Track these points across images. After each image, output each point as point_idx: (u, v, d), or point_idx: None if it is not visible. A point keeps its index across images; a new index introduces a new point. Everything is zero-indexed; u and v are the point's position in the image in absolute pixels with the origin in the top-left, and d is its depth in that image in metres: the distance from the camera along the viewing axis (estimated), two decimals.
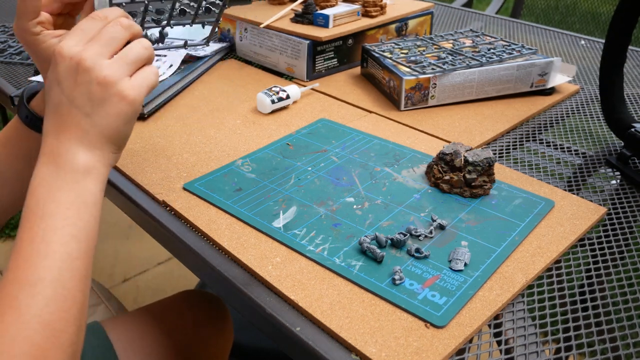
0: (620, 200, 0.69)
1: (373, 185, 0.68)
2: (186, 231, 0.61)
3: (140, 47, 0.50)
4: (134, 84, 0.48)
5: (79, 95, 0.47)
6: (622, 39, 0.72)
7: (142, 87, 0.49)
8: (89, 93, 0.47)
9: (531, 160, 0.77)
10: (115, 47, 0.49)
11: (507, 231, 0.60)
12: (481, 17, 1.46)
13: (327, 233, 0.59)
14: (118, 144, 0.50)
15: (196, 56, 1.03)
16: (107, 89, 0.47)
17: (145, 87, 0.49)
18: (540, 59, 0.91)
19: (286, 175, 0.70)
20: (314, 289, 0.52)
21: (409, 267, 0.55)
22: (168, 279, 1.85)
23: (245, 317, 0.55)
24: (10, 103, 0.89)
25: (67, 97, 0.47)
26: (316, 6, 1.03)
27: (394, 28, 1.09)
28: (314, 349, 0.47)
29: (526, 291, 0.54)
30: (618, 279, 0.57)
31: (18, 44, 1.17)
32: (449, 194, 0.66)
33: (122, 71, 0.48)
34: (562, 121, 0.88)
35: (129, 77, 0.48)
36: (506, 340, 0.49)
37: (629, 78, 1.06)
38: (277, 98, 0.87)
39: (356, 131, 0.81)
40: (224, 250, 0.58)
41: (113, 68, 0.47)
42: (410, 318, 0.49)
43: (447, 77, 0.87)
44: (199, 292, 0.94)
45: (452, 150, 0.67)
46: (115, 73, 0.47)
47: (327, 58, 1.00)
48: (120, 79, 0.47)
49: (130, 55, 0.49)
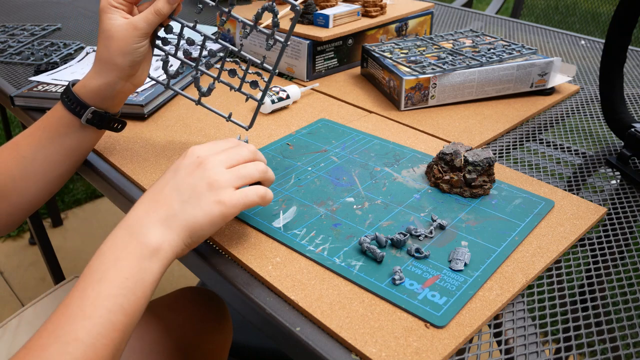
0: (620, 200, 0.69)
1: (373, 185, 0.68)
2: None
3: (253, 168, 0.55)
4: (233, 196, 0.53)
5: (186, 184, 0.53)
6: (622, 39, 0.72)
7: (239, 201, 0.53)
8: (195, 186, 0.52)
9: (531, 160, 0.77)
10: (237, 162, 0.55)
11: (507, 231, 0.60)
12: (481, 17, 1.46)
13: (327, 233, 0.59)
14: (192, 239, 0.52)
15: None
16: (211, 188, 0.52)
17: (242, 203, 0.53)
18: (540, 59, 0.91)
19: (286, 175, 0.70)
20: (314, 289, 0.52)
21: (409, 267, 0.55)
22: (168, 278, 1.85)
23: (245, 317, 0.55)
24: (10, 103, 0.89)
25: (176, 183, 0.53)
26: (316, 6, 1.03)
27: (394, 28, 1.09)
28: (314, 349, 0.47)
29: (526, 291, 0.54)
30: (618, 279, 0.57)
31: (18, 43, 1.17)
32: (449, 194, 0.66)
33: (230, 181, 0.53)
34: (562, 121, 0.88)
35: (233, 189, 0.53)
36: (506, 340, 0.49)
37: (629, 78, 1.06)
38: (277, 98, 0.86)
39: (356, 131, 0.81)
40: (224, 250, 0.58)
41: (225, 176, 0.53)
42: (410, 318, 0.49)
43: (447, 77, 0.87)
44: (198, 290, 0.95)
45: (452, 150, 0.67)
46: (224, 180, 0.53)
47: (327, 58, 1.00)
48: (226, 187, 0.53)
49: (242, 171, 0.54)
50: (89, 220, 2.09)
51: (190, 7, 1.49)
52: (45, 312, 0.88)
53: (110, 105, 0.68)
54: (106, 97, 0.67)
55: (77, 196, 2.20)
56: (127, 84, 0.67)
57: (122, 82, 0.66)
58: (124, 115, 0.84)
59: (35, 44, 1.17)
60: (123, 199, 0.69)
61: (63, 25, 1.32)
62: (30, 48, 1.15)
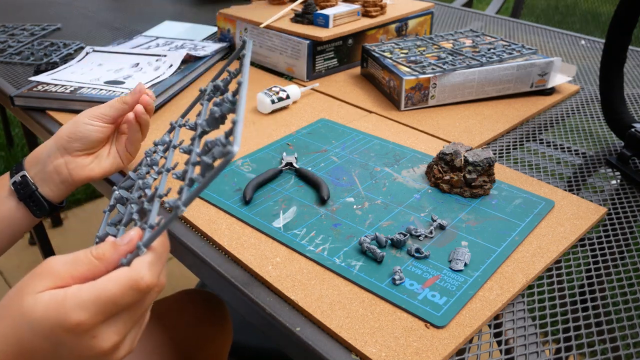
0: (620, 200, 0.69)
1: (373, 185, 0.68)
2: (186, 231, 0.61)
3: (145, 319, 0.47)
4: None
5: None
6: (622, 39, 0.72)
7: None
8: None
9: (531, 160, 0.77)
10: (137, 319, 0.44)
11: (507, 231, 0.60)
12: (481, 17, 1.46)
13: (327, 233, 0.59)
14: None
15: (196, 56, 1.03)
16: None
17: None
18: (540, 59, 0.91)
19: (286, 175, 0.70)
20: (314, 289, 0.52)
21: (409, 267, 0.55)
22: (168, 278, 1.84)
23: (245, 317, 0.55)
24: (10, 103, 0.89)
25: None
26: (316, 6, 1.03)
27: (394, 28, 1.09)
28: (314, 349, 0.47)
29: (526, 291, 0.54)
30: (618, 279, 0.57)
31: (18, 43, 1.17)
32: (449, 194, 0.66)
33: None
34: (562, 121, 0.88)
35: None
36: (506, 340, 0.49)
37: (629, 78, 1.06)
38: (277, 98, 0.86)
39: (356, 131, 0.81)
40: (224, 250, 0.58)
41: (122, 351, 0.43)
42: (410, 318, 0.49)
43: (447, 77, 0.87)
44: (198, 292, 0.95)
45: (452, 150, 0.67)
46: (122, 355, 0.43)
47: (327, 58, 1.00)
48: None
49: (139, 330, 0.45)
50: (89, 220, 2.09)
51: (189, 7, 1.49)
52: None
53: (40, 178, 0.64)
54: (38, 163, 0.63)
55: (77, 196, 2.20)
56: (61, 158, 0.63)
57: (56, 152, 0.63)
58: None
59: (35, 44, 1.17)
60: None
61: (63, 25, 1.32)
62: (30, 48, 1.15)
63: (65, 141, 0.63)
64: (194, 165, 0.44)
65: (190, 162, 0.45)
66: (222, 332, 0.92)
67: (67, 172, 0.64)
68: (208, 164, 0.40)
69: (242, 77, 0.45)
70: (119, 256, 0.41)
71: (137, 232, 0.42)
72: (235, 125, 0.38)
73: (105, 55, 1.05)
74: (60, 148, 0.63)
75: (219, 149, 0.39)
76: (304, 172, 0.69)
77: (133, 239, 0.42)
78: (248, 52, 0.50)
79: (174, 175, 0.49)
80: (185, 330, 0.86)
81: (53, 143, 0.64)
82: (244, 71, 0.47)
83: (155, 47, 1.10)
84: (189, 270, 0.62)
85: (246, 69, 0.47)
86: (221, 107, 0.46)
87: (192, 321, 0.88)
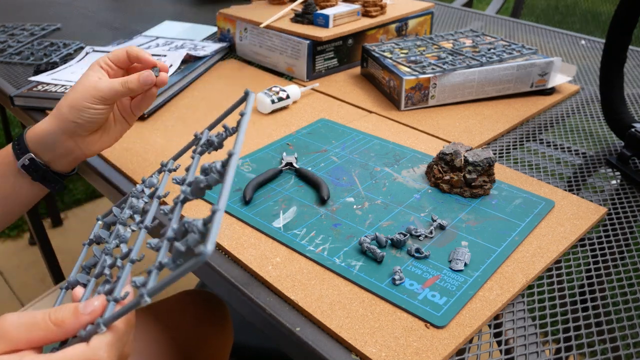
0: (620, 200, 0.69)
1: (373, 185, 0.68)
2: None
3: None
4: None
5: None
6: (622, 39, 0.72)
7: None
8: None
9: (531, 160, 0.77)
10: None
11: (507, 231, 0.60)
12: (481, 17, 1.46)
13: (327, 233, 0.59)
14: None
15: (196, 56, 1.03)
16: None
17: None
18: (540, 59, 0.91)
19: (286, 175, 0.70)
20: (314, 289, 0.52)
21: (409, 267, 0.55)
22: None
23: (245, 317, 0.55)
24: (10, 103, 0.89)
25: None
26: (316, 6, 1.03)
27: (394, 28, 1.09)
28: (314, 349, 0.47)
29: (526, 291, 0.54)
30: (618, 279, 0.57)
31: (18, 43, 1.17)
32: (449, 194, 0.66)
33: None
34: (562, 121, 0.88)
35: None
36: (506, 340, 0.49)
37: (629, 78, 1.06)
38: (277, 98, 0.86)
39: (356, 131, 0.81)
40: (224, 250, 0.58)
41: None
42: (410, 318, 0.49)
43: (447, 77, 0.87)
44: (198, 292, 0.95)
45: (452, 150, 0.67)
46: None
47: (327, 58, 1.00)
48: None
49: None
50: (89, 220, 2.09)
51: (189, 7, 1.49)
52: None
53: (50, 158, 0.63)
54: (46, 147, 0.62)
55: (77, 196, 2.20)
56: (70, 141, 0.62)
57: (63, 136, 0.61)
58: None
59: (35, 44, 1.17)
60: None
61: (63, 25, 1.32)
62: (30, 48, 1.15)
63: (71, 126, 0.61)
64: (169, 240, 0.41)
65: (165, 237, 0.41)
66: (222, 332, 0.92)
67: (80, 150, 0.63)
68: (180, 252, 0.37)
69: (235, 147, 0.39)
70: (79, 325, 0.40)
71: (100, 303, 0.41)
72: (214, 216, 0.34)
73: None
74: (67, 131, 0.61)
75: (194, 238, 0.37)
76: (304, 172, 0.69)
77: (96, 310, 0.40)
78: (248, 109, 0.46)
79: (161, 210, 0.46)
80: (185, 330, 0.86)
81: (57, 126, 0.61)
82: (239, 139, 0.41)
83: (155, 47, 1.10)
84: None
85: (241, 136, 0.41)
86: (207, 178, 0.42)
87: (192, 321, 0.88)
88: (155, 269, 0.39)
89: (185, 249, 0.37)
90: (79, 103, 0.60)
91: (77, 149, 0.63)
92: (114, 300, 0.41)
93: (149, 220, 0.48)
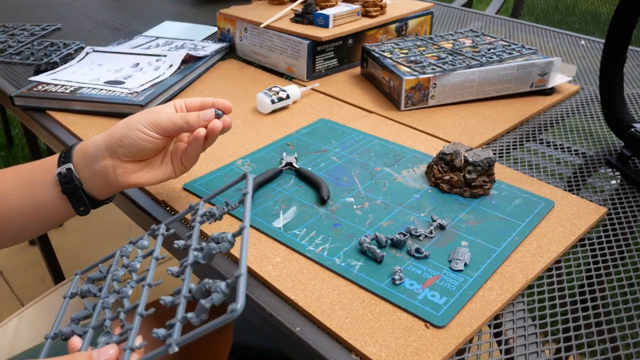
0: (620, 200, 0.69)
1: (373, 185, 0.68)
2: (186, 231, 0.61)
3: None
4: None
5: None
6: (622, 39, 0.72)
7: None
8: None
9: (531, 160, 0.77)
10: None
11: (507, 231, 0.60)
12: (481, 17, 1.46)
13: (327, 233, 0.59)
14: None
15: (196, 56, 1.03)
16: None
17: None
18: (540, 59, 0.91)
19: (286, 175, 0.70)
20: (314, 289, 0.52)
21: (409, 267, 0.55)
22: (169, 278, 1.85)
23: (245, 317, 0.55)
24: (10, 103, 0.89)
25: None
26: (316, 6, 1.03)
27: (394, 28, 1.09)
28: (314, 349, 0.47)
29: (526, 291, 0.54)
30: (618, 279, 0.57)
31: (18, 43, 1.17)
32: (449, 194, 0.66)
33: None
34: (562, 121, 0.88)
35: None
36: (506, 340, 0.49)
37: (629, 78, 1.06)
38: (277, 98, 0.86)
39: (356, 131, 0.81)
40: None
41: None
42: (410, 318, 0.49)
43: (447, 77, 0.87)
44: None
45: (452, 150, 0.67)
46: None
47: (327, 58, 1.00)
48: None
49: None
50: (89, 220, 2.09)
51: (189, 7, 1.49)
52: (45, 312, 0.88)
53: (86, 175, 0.60)
54: (87, 160, 0.60)
55: None
56: (108, 160, 0.59)
57: (105, 152, 0.59)
58: (124, 115, 0.84)
59: (35, 44, 1.17)
60: (123, 199, 0.69)
61: (63, 25, 1.32)
62: (30, 48, 1.15)
63: (115, 144, 0.58)
64: (186, 298, 0.44)
65: (182, 295, 0.44)
66: (222, 332, 0.92)
67: (114, 175, 0.59)
68: (204, 308, 0.40)
69: (244, 221, 0.45)
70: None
71: (115, 352, 0.42)
72: (239, 280, 0.39)
73: (106, 55, 1.05)
74: (110, 149, 0.59)
75: (218, 297, 0.40)
76: (304, 172, 0.69)
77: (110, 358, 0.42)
78: (249, 189, 0.49)
79: (168, 271, 0.48)
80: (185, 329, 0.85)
81: (103, 142, 0.59)
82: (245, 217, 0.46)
83: (155, 47, 1.10)
84: None
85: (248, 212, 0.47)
86: (220, 246, 0.46)
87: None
88: (178, 322, 0.42)
89: (210, 305, 0.41)
90: (133, 123, 0.58)
91: (112, 172, 0.59)
92: (129, 349, 0.42)
93: (150, 278, 0.49)
